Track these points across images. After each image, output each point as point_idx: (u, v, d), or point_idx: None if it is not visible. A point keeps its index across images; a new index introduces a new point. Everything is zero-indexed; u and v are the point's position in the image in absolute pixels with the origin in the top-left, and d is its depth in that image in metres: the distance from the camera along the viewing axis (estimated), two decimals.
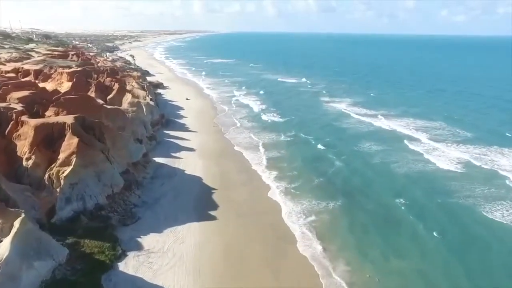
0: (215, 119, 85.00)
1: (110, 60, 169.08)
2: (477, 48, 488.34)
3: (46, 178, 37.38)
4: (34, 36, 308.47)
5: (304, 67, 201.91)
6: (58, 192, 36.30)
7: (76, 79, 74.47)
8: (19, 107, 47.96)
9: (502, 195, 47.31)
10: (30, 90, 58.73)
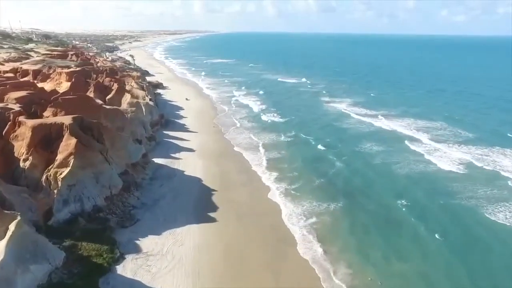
0: (215, 119, 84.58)
1: (109, 60, 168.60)
2: (477, 48, 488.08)
3: (44, 180, 36.93)
4: (34, 36, 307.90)
5: (304, 67, 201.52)
6: (55, 193, 35.84)
7: (75, 79, 74.03)
8: (16, 107, 47.44)
9: (504, 196, 46.87)
10: (28, 90, 58.23)
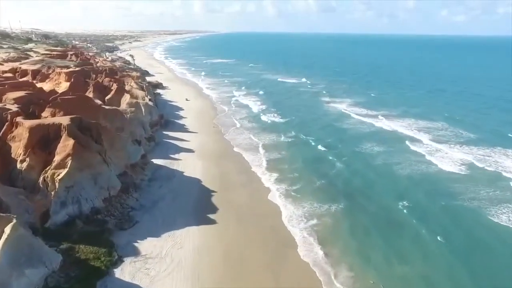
0: (214, 119, 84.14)
1: (109, 60, 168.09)
2: (477, 48, 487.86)
3: (41, 181, 36.43)
4: (34, 36, 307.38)
5: (304, 67, 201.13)
6: (52, 195, 35.35)
7: (74, 79, 73.56)
8: (14, 107, 47.03)
9: (507, 197, 46.42)
10: (27, 90, 57.77)
